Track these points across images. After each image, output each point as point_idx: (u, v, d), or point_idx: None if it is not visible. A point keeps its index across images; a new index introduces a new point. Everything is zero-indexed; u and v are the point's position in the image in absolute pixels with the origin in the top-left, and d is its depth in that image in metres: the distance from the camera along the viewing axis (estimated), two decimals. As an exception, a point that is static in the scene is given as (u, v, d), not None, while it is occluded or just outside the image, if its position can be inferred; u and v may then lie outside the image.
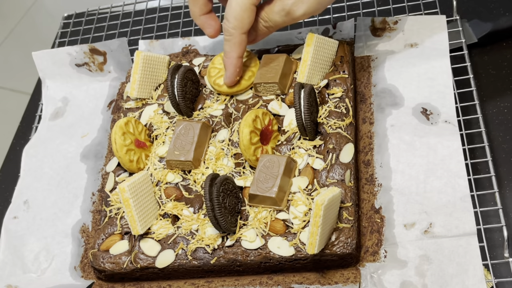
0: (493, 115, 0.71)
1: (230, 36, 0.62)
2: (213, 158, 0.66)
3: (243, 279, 0.62)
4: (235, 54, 0.64)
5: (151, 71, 0.73)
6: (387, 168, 0.64)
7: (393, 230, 0.60)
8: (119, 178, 0.69)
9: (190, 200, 0.65)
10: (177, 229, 0.63)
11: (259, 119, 0.64)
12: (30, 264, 0.70)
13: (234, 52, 0.64)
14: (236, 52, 0.64)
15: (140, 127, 0.70)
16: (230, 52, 0.64)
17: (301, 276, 0.61)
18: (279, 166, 0.61)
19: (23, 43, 1.83)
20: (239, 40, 0.63)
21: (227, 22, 0.61)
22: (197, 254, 0.61)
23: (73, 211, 0.73)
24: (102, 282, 0.66)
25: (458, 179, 0.60)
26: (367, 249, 0.60)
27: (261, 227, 0.60)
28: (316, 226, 0.54)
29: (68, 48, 0.83)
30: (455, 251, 0.57)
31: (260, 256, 0.60)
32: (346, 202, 0.60)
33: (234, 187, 0.61)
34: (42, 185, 0.76)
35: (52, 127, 0.81)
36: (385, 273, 0.58)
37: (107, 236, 0.65)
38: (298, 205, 0.60)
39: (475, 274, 0.55)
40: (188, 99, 0.70)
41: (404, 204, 0.61)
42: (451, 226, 0.58)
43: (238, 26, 0.61)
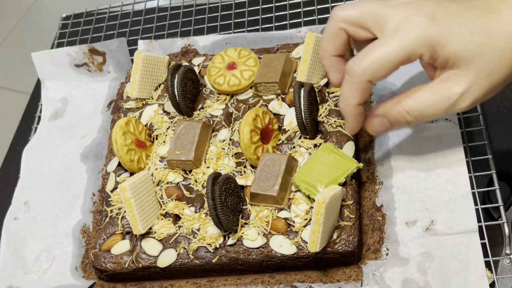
0: (493, 115, 0.71)
1: (354, 77, 0.51)
2: (214, 158, 0.67)
3: (245, 278, 0.62)
4: (355, 101, 0.53)
5: (151, 71, 0.73)
6: (388, 166, 0.64)
7: (395, 228, 0.60)
8: (120, 178, 0.69)
9: (191, 199, 0.65)
10: (178, 228, 0.63)
11: (259, 118, 0.64)
12: (31, 265, 0.70)
13: (353, 99, 0.53)
14: (356, 99, 0.53)
15: (141, 127, 0.70)
16: (349, 97, 0.53)
17: (303, 274, 0.61)
18: (280, 164, 0.61)
19: (23, 43, 1.83)
20: (364, 86, 0.52)
21: (359, 61, 0.51)
22: (198, 253, 0.61)
23: (73, 212, 0.73)
24: (103, 282, 0.66)
25: (459, 177, 0.60)
26: (369, 247, 0.60)
27: (263, 225, 0.60)
28: (317, 224, 0.54)
29: (67, 49, 0.83)
30: (456, 248, 0.57)
31: (262, 255, 0.60)
32: (347, 200, 0.60)
33: (235, 186, 0.61)
34: (42, 186, 0.76)
35: (52, 128, 0.81)
36: (387, 270, 0.58)
37: (109, 236, 0.65)
38: (300, 203, 0.60)
39: (476, 271, 0.55)
40: (188, 99, 0.70)
41: (405, 201, 0.61)
42: (453, 223, 0.58)
43: (370, 72, 0.50)
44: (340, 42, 0.54)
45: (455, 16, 0.49)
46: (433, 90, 0.51)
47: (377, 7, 0.51)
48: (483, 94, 0.50)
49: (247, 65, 0.71)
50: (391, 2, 0.51)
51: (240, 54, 0.73)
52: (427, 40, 0.49)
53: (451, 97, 0.50)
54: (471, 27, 0.48)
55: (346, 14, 0.53)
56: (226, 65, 0.72)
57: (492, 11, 0.49)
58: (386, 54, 0.49)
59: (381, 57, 0.50)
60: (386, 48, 0.49)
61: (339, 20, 0.53)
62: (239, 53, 0.73)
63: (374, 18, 0.51)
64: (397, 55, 0.49)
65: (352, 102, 0.53)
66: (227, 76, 0.71)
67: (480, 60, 0.49)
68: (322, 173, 0.60)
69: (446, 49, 0.49)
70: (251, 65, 0.71)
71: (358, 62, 0.51)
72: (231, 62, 0.72)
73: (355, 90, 0.52)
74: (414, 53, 0.49)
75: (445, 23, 0.49)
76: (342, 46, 0.55)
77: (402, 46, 0.49)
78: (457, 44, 0.48)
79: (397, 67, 0.50)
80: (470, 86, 0.49)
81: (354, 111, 0.54)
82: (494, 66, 0.49)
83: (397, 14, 0.50)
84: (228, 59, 0.73)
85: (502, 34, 0.48)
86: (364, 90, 0.52)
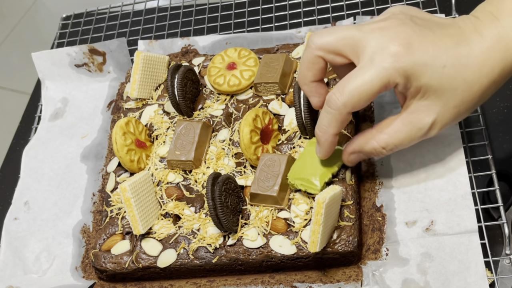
0: (493, 115, 0.71)
1: (334, 110, 0.52)
2: (214, 158, 0.67)
3: (245, 278, 0.62)
4: (332, 131, 0.54)
5: (151, 71, 0.73)
6: (387, 166, 0.64)
7: (395, 228, 0.60)
8: (120, 178, 0.69)
9: (191, 199, 0.65)
10: (178, 228, 0.63)
11: (259, 118, 0.64)
12: (31, 265, 0.70)
13: (332, 129, 0.54)
14: (334, 129, 0.54)
15: (141, 127, 0.70)
16: (327, 127, 0.54)
17: (303, 274, 0.61)
18: (280, 165, 0.61)
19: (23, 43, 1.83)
20: (343, 118, 0.53)
21: (339, 94, 0.51)
22: (198, 253, 0.61)
23: (73, 212, 0.73)
24: (103, 282, 0.66)
25: (459, 177, 0.60)
26: (369, 247, 0.60)
27: (263, 226, 0.60)
28: (317, 224, 0.54)
29: (68, 49, 0.83)
30: (456, 249, 0.57)
31: (262, 255, 0.60)
32: (347, 201, 0.60)
33: (235, 186, 0.61)
34: (42, 186, 0.76)
35: (52, 128, 0.81)
36: (387, 271, 0.58)
37: (109, 236, 0.65)
38: (300, 203, 0.60)
39: (476, 271, 0.55)
40: (188, 99, 0.70)
41: (405, 202, 0.61)
42: (453, 223, 0.58)
43: (350, 104, 0.51)
44: (318, 68, 0.55)
45: (429, 46, 0.50)
46: (405, 122, 0.53)
47: (353, 33, 0.52)
48: (451, 122, 0.53)
49: (247, 65, 0.71)
50: (367, 26, 0.52)
51: (240, 54, 0.73)
52: (402, 71, 0.50)
53: (423, 128, 0.52)
54: (444, 59, 0.50)
55: (322, 41, 0.53)
56: (226, 65, 0.72)
57: (464, 42, 0.50)
58: (364, 86, 0.50)
59: (360, 89, 0.50)
60: (363, 79, 0.50)
61: (316, 48, 0.54)
62: (239, 53, 0.73)
63: (350, 45, 0.52)
64: (374, 86, 0.50)
65: (330, 132, 0.55)
66: (227, 76, 0.71)
67: (449, 91, 0.50)
68: (314, 167, 0.60)
69: (419, 81, 0.50)
70: (251, 65, 0.71)
71: (338, 94, 0.51)
72: (231, 62, 0.72)
73: (335, 121, 0.53)
74: (390, 82, 0.50)
75: (420, 53, 0.50)
76: (320, 72, 0.55)
77: (379, 77, 0.50)
78: (429, 76, 0.50)
79: (375, 96, 0.51)
80: (438, 116, 0.52)
81: (331, 140, 0.56)
82: (463, 97, 0.51)
83: (373, 41, 0.51)
84: (228, 59, 0.73)
85: (472, 66, 0.50)
86: (343, 121, 0.54)
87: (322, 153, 0.58)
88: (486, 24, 0.51)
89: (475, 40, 0.50)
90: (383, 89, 0.51)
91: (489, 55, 0.50)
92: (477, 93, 0.51)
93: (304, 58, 0.55)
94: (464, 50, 0.50)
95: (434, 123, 0.52)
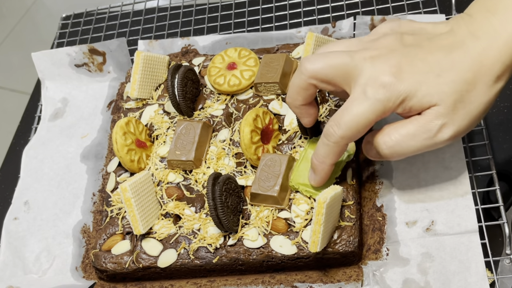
0: (493, 115, 0.71)
1: (333, 143, 0.53)
2: (214, 158, 0.67)
3: (246, 278, 0.62)
4: (330, 161, 0.55)
5: (151, 71, 0.73)
6: (388, 166, 0.64)
7: (395, 228, 0.60)
8: (120, 178, 0.69)
9: (192, 199, 0.65)
10: (179, 228, 0.63)
11: (259, 118, 0.64)
12: (31, 265, 0.70)
13: (329, 159, 0.55)
14: (331, 160, 0.55)
15: (141, 127, 0.70)
16: (325, 158, 0.55)
17: (304, 274, 0.61)
18: (280, 165, 0.61)
19: (23, 43, 1.83)
20: (340, 149, 0.54)
21: (336, 127, 0.52)
22: (199, 253, 0.61)
23: (73, 212, 0.73)
24: (103, 282, 0.66)
25: (459, 177, 0.61)
26: (369, 247, 0.60)
27: (263, 226, 0.60)
28: (318, 224, 0.54)
29: (67, 49, 0.83)
30: (457, 249, 0.57)
31: (262, 255, 0.60)
32: (348, 201, 0.60)
33: (236, 186, 0.61)
34: (42, 186, 0.76)
35: (52, 128, 0.81)
36: (387, 271, 0.58)
37: (109, 236, 0.65)
38: (300, 203, 0.60)
39: (477, 271, 0.55)
40: (188, 99, 0.70)
41: (405, 202, 0.61)
42: (453, 223, 0.58)
43: (347, 137, 0.52)
44: (309, 94, 0.55)
45: (420, 64, 0.50)
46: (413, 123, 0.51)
47: (345, 61, 0.52)
48: (465, 125, 0.51)
49: (247, 65, 0.71)
50: (359, 54, 0.52)
51: (240, 54, 0.73)
52: (396, 98, 0.50)
53: (431, 129, 0.50)
54: (437, 70, 0.49)
55: (315, 69, 0.53)
56: (226, 65, 0.72)
57: (458, 47, 0.50)
58: (361, 118, 0.50)
59: (357, 121, 0.51)
60: (358, 112, 0.50)
61: (308, 76, 0.53)
62: (239, 53, 0.73)
63: (342, 75, 0.52)
64: (370, 117, 0.50)
65: (327, 162, 0.55)
66: (227, 76, 0.71)
67: (452, 94, 0.49)
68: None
69: (417, 98, 0.50)
70: (251, 65, 0.71)
71: (336, 128, 0.52)
72: (231, 62, 0.72)
73: (332, 152, 0.54)
74: (386, 111, 0.50)
75: (411, 75, 0.49)
76: (310, 97, 0.56)
77: (374, 110, 0.50)
78: (426, 90, 0.49)
79: (373, 124, 0.52)
80: (449, 119, 0.50)
81: (327, 170, 0.56)
82: (469, 97, 0.50)
83: (364, 71, 0.51)
84: (228, 59, 0.73)
85: (470, 68, 0.49)
86: (340, 152, 0.54)
87: (317, 181, 0.58)
88: (480, 21, 0.50)
89: (470, 44, 0.50)
90: (380, 118, 0.51)
91: (486, 54, 0.49)
92: (483, 89, 0.50)
93: (295, 83, 0.55)
94: (458, 55, 0.49)
95: (444, 125, 0.50)
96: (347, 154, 0.61)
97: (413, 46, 0.51)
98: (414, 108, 0.50)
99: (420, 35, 0.52)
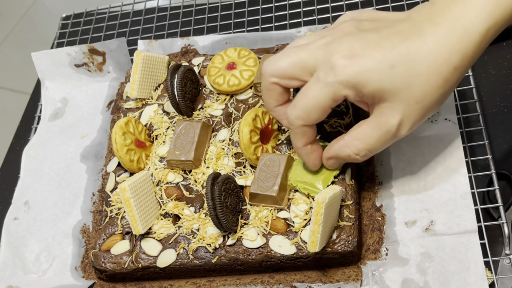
0: (493, 115, 0.71)
1: (292, 125, 0.54)
2: (214, 158, 0.67)
3: (245, 278, 0.62)
4: (299, 144, 0.56)
5: (151, 71, 0.73)
6: (387, 166, 0.64)
7: (394, 228, 0.60)
8: (120, 178, 0.69)
9: (191, 199, 0.65)
10: (178, 228, 0.63)
11: (259, 118, 0.64)
12: (31, 265, 0.70)
13: (298, 142, 0.56)
14: (300, 142, 0.56)
15: (140, 127, 0.70)
16: (294, 141, 0.57)
17: (303, 274, 0.61)
18: (279, 165, 0.61)
19: (23, 43, 1.83)
20: (302, 131, 0.55)
21: (293, 109, 0.53)
22: (198, 253, 0.61)
23: (73, 212, 0.73)
24: (103, 282, 0.66)
25: (458, 177, 0.60)
26: (368, 247, 0.60)
27: (262, 226, 0.60)
28: (317, 224, 0.54)
29: (67, 49, 0.83)
30: (456, 249, 0.57)
31: (262, 255, 0.60)
32: (347, 201, 0.60)
33: (235, 186, 0.61)
34: (42, 186, 0.76)
35: (52, 128, 0.81)
36: (386, 271, 0.58)
37: (108, 236, 0.65)
38: (299, 203, 0.60)
39: (476, 271, 0.55)
40: (188, 99, 0.70)
41: (404, 202, 0.61)
42: (452, 223, 0.58)
43: (302, 119, 0.53)
44: (277, 94, 0.56)
45: (373, 50, 0.49)
46: (372, 126, 0.52)
47: (301, 54, 0.52)
48: (419, 118, 0.51)
49: (247, 65, 0.71)
50: (314, 44, 0.52)
51: (240, 54, 0.73)
52: (346, 82, 0.49)
53: (390, 130, 0.51)
54: (390, 59, 0.48)
55: (273, 68, 0.54)
56: (225, 65, 0.72)
57: (415, 35, 0.48)
58: (313, 101, 0.51)
59: (309, 104, 0.51)
60: (311, 95, 0.51)
61: (269, 76, 0.54)
62: (239, 53, 0.73)
63: (300, 68, 0.52)
64: (321, 101, 0.51)
65: (298, 145, 0.56)
66: (226, 76, 0.71)
67: (406, 89, 0.49)
68: (316, 169, 0.60)
69: (368, 87, 0.49)
70: (250, 65, 0.71)
71: (292, 110, 0.53)
72: (230, 62, 0.72)
73: (295, 135, 0.55)
74: (337, 96, 0.50)
75: (363, 61, 0.49)
76: (281, 97, 0.56)
77: (325, 93, 0.50)
78: (378, 80, 0.49)
79: (327, 110, 0.52)
80: (404, 115, 0.50)
81: (304, 152, 0.57)
82: (422, 91, 0.49)
83: (318, 58, 0.51)
84: (228, 59, 0.73)
85: (425, 59, 0.48)
86: (304, 134, 0.55)
87: (309, 165, 0.59)
88: (441, 9, 0.48)
89: (428, 30, 0.48)
90: (333, 103, 0.51)
91: (443, 42, 0.47)
92: (438, 83, 0.48)
93: (262, 86, 0.56)
94: (413, 45, 0.48)
95: (401, 123, 0.50)
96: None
97: (369, 31, 0.50)
98: (366, 97, 0.50)
99: (379, 22, 0.52)
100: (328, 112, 0.52)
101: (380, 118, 0.51)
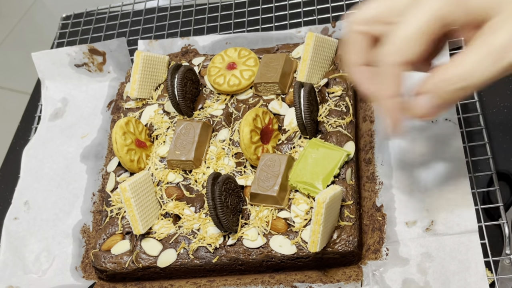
0: (493, 115, 0.71)
1: (386, 65, 0.44)
2: (214, 158, 0.67)
3: (245, 278, 0.62)
4: (388, 92, 0.45)
5: (151, 71, 0.73)
6: (388, 166, 0.64)
7: (395, 228, 0.60)
8: (120, 178, 0.69)
9: (191, 199, 0.65)
10: (178, 228, 0.63)
11: (259, 118, 0.64)
12: (31, 265, 0.70)
13: (387, 88, 0.45)
14: (389, 89, 0.45)
15: (141, 127, 0.70)
16: (381, 88, 0.45)
17: (303, 274, 0.61)
18: (280, 165, 0.61)
19: (23, 43, 1.83)
20: (397, 72, 0.44)
21: (390, 45, 0.43)
22: (198, 253, 0.61)
23: (73, 212, 0.73)
24: (103, 282, 0.66)
25: (459, 177, 0.60)
26: (369, 247, 0.60)
27: (263, 226, 0.60)
28: (318, 224, 0.54)
29: (67, 49, 0.83)
30: (456, 249, 0.57)
31: (262, 255, 0.60)
32: (347, 200, 0.60)
33: (235, 186, 0.61)
34: (42, 186, 0.76)
35: (52, 128, 0.81)
36: (387, 270, 0.58)
37: (109, 236, 0.65)
38: (300, 203, 0.60)
39: (476, 271, 0.55)
40: (188, 99, 0.70)
41: (405, 202, 0.61)
42: (453, 223, 0.58)
43: (402, 52, 0.43)
44: (364, 46, 0.48)
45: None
46: (474, 48, 0.42)
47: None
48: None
49: (247, 65, 0.71)
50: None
51: (240, 54, 0.73)
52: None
53: (496, 49, 0.41)
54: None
55: (364, 13, 0.48)
56: (226, 65, 0.72)
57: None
58: (418, 26, 0.42)
59: (409, 32, 0.43)
60: (412, 21, 0.42)
61: (357, 23, 0.48)
62: (239, 53, 0.73)
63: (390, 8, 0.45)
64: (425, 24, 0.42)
65: (386, 93, 0.45)
66: (227, 76, 0.71)
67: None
68: (316, 169, 0.60)
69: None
70: (251, 65, 0.71)
71: (389, 45, 0.44)
72: (231, 62, 0.72)
73: (388, 78, 0.45)
74: (447, 15, 0.42)
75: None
76: (366, 52, 0.48)
77: (433, 11, 0.42)
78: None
79: (432, 38, 0.43)
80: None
81: (390, 105, 0.46)
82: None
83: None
84: (228, 59, 0.73)
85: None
86: (399, 77, 0.44)
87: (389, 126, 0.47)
88: None
89: None
90: (440, 27, 0.42)
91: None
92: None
93: (345, 41, 0.48)
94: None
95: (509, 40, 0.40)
96: (346, 154, 0.61)
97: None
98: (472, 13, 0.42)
99: None
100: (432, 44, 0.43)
101: (485, 36, 0.42)
